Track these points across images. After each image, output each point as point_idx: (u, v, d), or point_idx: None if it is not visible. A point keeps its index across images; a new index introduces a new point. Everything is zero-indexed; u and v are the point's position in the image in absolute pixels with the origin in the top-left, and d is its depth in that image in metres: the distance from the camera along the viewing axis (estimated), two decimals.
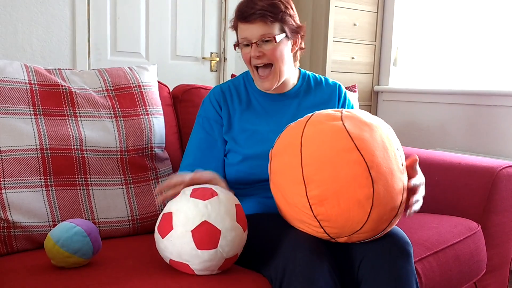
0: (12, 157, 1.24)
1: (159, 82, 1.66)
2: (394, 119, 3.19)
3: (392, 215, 1.08)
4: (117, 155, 1.39)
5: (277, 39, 1.28)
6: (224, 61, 3.17)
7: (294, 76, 1.42)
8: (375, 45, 3.26)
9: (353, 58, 3.16)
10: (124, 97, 1.47)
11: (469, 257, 1.47)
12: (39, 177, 1.25)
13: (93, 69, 1.52)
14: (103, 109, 1.41)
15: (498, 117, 2.61)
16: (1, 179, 1.21)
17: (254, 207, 1.32)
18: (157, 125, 1.50)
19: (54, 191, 1.27)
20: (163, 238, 1.04)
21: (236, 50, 1.36)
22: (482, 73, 2.77)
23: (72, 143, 1.32)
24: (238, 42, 1.34)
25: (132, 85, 1.50)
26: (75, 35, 2.67)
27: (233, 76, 1.92)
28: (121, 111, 1.44)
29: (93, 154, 1.34)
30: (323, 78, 1.47)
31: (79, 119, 1.36)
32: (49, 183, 1.26)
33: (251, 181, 1.33)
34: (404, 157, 1.14)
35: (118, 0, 2.79)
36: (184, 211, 1.03)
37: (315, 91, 1.42)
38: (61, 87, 1.38)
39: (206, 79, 3.14)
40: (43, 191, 1.25)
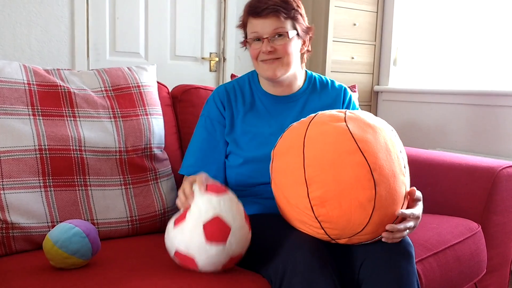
0: (10, 157, 1.23)
1: (158, 82, 1.66)
2: (394, 119, 3.19)
3: (393, 218, 1.08)
4: (116, 155, 1.38)
5: (290, 35, 1.28)
6: (223, 61, 3.17)
7: (300, 77, 1.40)
8: (375, 45, 3.26)
9: (353, 58, 3.16)
10: (123, 97, 1.47)
11: (469, 258, 1.47)
12: (37, 178, 1.25)
13: (92, 70, 1.52)
14: (102, 110, 1.41)
15: (498, 117, 2.60)
16: (0, 180, 1.21)
17: (254, 207, 1.31)
18: (156, 126, 1.50)
19: (52, 192, 1.26)
20: (175, 227, 1.07)
21: (246, 47, 1.34)
22: (482, 73, 2.77)
23: (71, 144, 1.31)
24: (246, 38, 1.33)
25: (131, 86, 1.50)
26: (74, 35, 2.67)
27: (232, 76, 1.91)
28: (120, 111, 1.44)
29: (92, 154, 1.34)
30: (329, 80, 1.45)
31: (78, 119, 1.36)
32: (47, 183, 1.26)
33: (252, 184, 1.33)
34: (406, 160, 1.13)
35: (117, 0, 2.79)
36: (197, 204, 1.05)
37: (320, 94, 1.41)
38: (60, 88, 1.37)
39: (205, 79, 3.13)
40: (41, 192, 1.25)
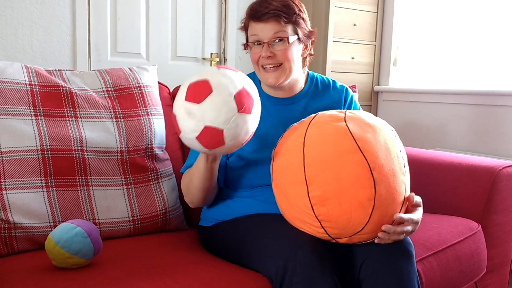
0: (12, 158, 1.24)
1: (159, 82, 1.66)
2: (394, 119, 3.19)
3: (393, 217, 1.08)
4: (117, 155, 1.39)
5: (290, 40, 1.26)
6: (224, 62, 3.17)
7: (301, 80, 1.39)
8: (375, 45, 3.26)
9: (353, 58, 3.16)
10: (124, 97, 1.47)
11: (469, 257, 1.47)
12: (39, 178, 1.25)
13: (94, 70, 1.52)
14: (103, 110, 1.41)
15: (498, 117, 2.61)
16: (2, 180, 1.21)
17: (255, 207, 1.31)
18: (158, 126, 1.50)
19: (54, 192, 1.27)
20: (199, 103, 1.04)
21: (246, 50, 1.34)
22: (482, 73, 2.77)
23: (72, 144, 1.32)
24: (247, 42, 1.33)
25: (132, 86, 1.50)
26: (75, 36, 2.67)
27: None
28: (122, 111, 1.44)
29: (94, 154, 1.34)
30: (331, 81, 1.45)
31: (79, 120, 1.36)
32: (49, 184, 1.27)
33: (253, 185, 1.32)
34: (406, 159, 1.14)
35: (118, 0, 2.79)
36: (225, 76, 1.07)
37: (322, 95, 1.40)
38: (61, 88, 1.38)
39: None
40: (43, 192, 1.25)
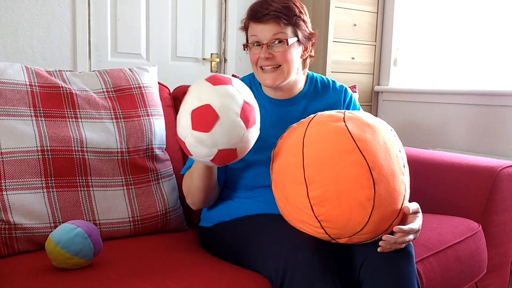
0: (13, 158, 1.24)
1: (159, 83, 1.67)
2: (394, 119, 3.19)
3: (393, 217, 1.08)
4: (117, 156, 1.39)
5: (289, 42, 1.26)
6: (224, 62, 3.17)
7: (301, 81, 1.39)
8: (375, 45, 3.26)
9: (353, 58, 3.16)
10: (124, 98, 1.47)
11: (470, 257, 1.47)
12: (40, 179, 1.26)
13: (94, 71, 1.52)
14: (103, 111, 1.41)
15: (498, 117, 2.61)
16: (2, 181, 1.21)
17: (255, 207, 1.31)
18: (158, 126, 1.50)
19: (55, 193, 1.27)
20: (209, 131, 1.02)
21: (245, 50, 1.34)
22: (482, 73, 2.77)
23: (72, 145, 1.32)
24: (247, 42, 1.32)
25: (132, 86, 1.50)
26: (75, 36, 2.67)
27: (233, 77, 1.92)
28: (122, 112, 1.44)
29: (94, 155, 1.34)
30: (331, 81, 1.44)
31: (79, 120, 1.36)
32: (50, 184, 1.27)
33: (253, 187, 1.32)
34: (406, 159, 1.14)
35: (118, 1, 2.79)
36: (227, 94, 1.07)
37: (322, 96, 1.40)
38: (61, 89, 1.38)
39: None
40: (44, 192, 1.25)
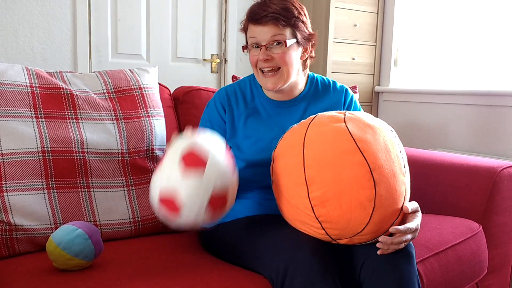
0: (13, 160, 1.24)
1: (160, 84, 1.67)
2: (395, 119, 3.19)
3: (393, 218, 1.08)
4: (118, 157, 1.39)
5: (288, 43, 1.25)
6: (224, 63, 3.18)
7: (301, 82, 1.38)
8: (376, 46, 3.26)
9: (353, 59, 3.16)
10: (125, 99, 1.47)
11: (470, 258, 1.47)
12: (40, 180, 1.26)
13: (94, 72, 1.52)
14: (104, 111, 1.42)
15: (499, 117, 2.60)
16: (3, 182, 1.22)
17: (255, 208, 1.32)
18: (158, 127, 1.50)
19: (55, 194, 1.27)
20: (155, 172, 1.06)
21: (244, 52, 1.33)
22: (482, 73, 2.77)
23: (73, 146, 1.32)
24: (246, 44, 1.32)
25: (133, 87, 1.51)
26: (76, 37, 2.68)
27: (234, 77, 1.92)
28: (122, 113, 1.44)
29: (95, 156, 1.35)
30: (331, 82, 1.44)
31: (80, 121, 1.36)
32: (50, 185, 1.27)
33: (253, 187, 1.33)
34: (406, 160, 1.14)
35: (119, 2, 2.80)
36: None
37: (322, 97, 1.40)
38: (62, 90, 1.38)
39: (207, 80, 3.14)
40: (44, 193, 1.25)
